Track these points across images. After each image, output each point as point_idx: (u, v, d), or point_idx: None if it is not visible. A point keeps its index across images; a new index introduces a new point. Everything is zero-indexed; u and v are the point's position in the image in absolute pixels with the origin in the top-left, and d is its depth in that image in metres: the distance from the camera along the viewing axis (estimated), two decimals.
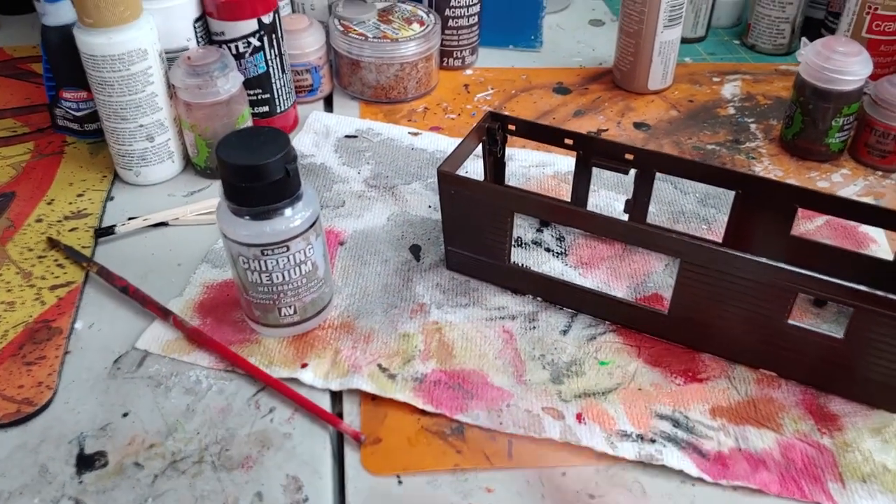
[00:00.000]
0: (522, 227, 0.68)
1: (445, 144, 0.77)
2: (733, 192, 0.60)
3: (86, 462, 0.49)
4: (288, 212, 0.51)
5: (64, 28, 0.71)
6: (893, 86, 0.73)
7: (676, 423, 0.52)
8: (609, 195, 0.71)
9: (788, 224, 0.59)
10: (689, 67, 0.92)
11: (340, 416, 0.53)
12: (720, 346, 0.56)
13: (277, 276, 0.53)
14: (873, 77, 0.76)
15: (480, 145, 0.65)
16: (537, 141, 0.65)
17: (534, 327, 0.59)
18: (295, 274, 0.53)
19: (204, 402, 0.53)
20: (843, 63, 0.72)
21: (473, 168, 0.73)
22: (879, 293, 0.48)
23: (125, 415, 0.52)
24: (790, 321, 0.52)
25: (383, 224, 0.68)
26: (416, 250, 0.65)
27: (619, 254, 0.65)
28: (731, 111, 0.84)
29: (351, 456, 0.50)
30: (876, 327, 0.49)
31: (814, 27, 0.94)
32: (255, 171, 0.49)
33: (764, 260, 0.50)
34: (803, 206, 0.58)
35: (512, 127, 0.65)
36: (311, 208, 0.52)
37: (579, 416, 0.52)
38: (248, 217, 0.51)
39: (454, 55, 0.90)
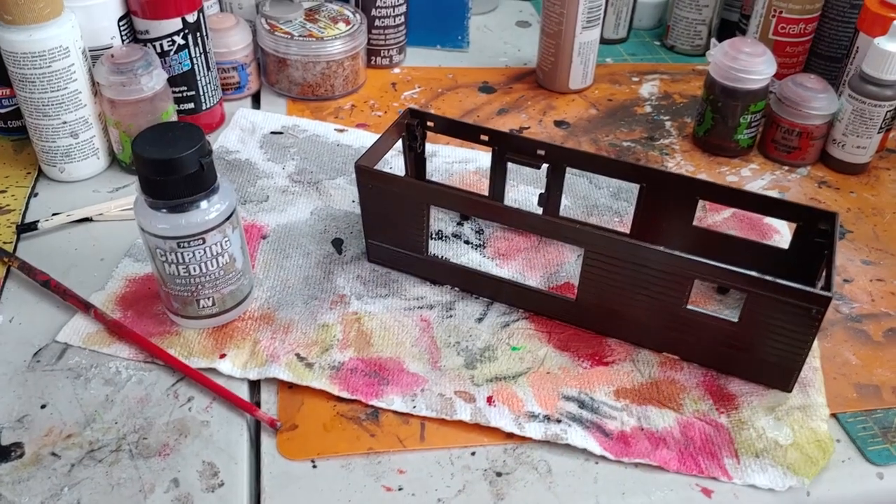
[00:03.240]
0: (444, 221, 0.70)
1: (371, 141, 0.79)
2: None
3: (1, 453, 0.50)
4: (203, 204, 0.52)
5: None
6: (797, 85, 0.77)
7: (582, 405, 0.54)
8: (528, 189, 0.73)
9: (691, 215, 0.62)
10: (609, 68, 0.95)
11: (258, 404, 0.54)
12: (625, 332, 0.58)
13: (195, 269, 0.54)
14: (779, 76, 0.80)
15: (401, 141, 0.67)
16: (455, 137, 0.67)
17: (450, 316, 0.60)
18: (212, 266, 0.54)
19: (123, 393, 0.54)
20: (748, 63, 0.76)
21: (398, 164, 0.75)
22: (768, 278, 0.51)
23: (43, 406, 0.53)
24: (689, 306, 0.55)
25: (306, 218, 0.69)
26: (338, 244, 0.67)
27: (534, 245, 0.67)
28: (648, 109, 0.87)
29: (267, 442, 0.52)
30: (767, 310, 0.53)
31: (729, 29, 0.98)
32: (169, 165, 0.50)
33: (660, 248, 0.52)
34: (703, 197, 0.61)
35: (431, 123, 0.67)
36: (227, 201, 0.54)
37: (490, 399, 0.54)
38: (164, 210, 0.52)
39: (382, 54, 0.91)
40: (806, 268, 0.59)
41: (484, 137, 0.65)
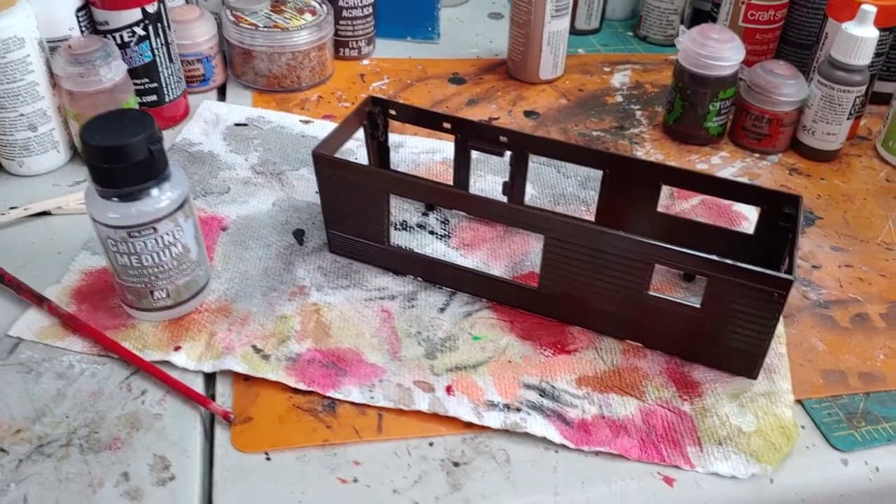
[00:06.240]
0: (408, 211, 0.69)
1: None
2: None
3: None
4: (154, 192, 0.51)
5: None
6: (766, 72, 0.76)
7: (543, 393, 0.53)
8: (494, 179, 0.73)
9: (656, 201, 0.62)
10: (581, 58, 0.94)
11: (213, 397, 0.53)
12: (588, 319, 0.58)
13: (147, 259, 0.53)
14: (748, 63, 0.79)
15: (364, 131, 0.66)
16: (418, 125, 0.66)
17: (412, 306, 0.60)
18: (165, 256, 0.53)
19: (75, 387, 0.53)
20: (717, 49, 0.75)
21: (364, 155, 0.73)
22: (728, 261, 0.50)
23: None
24: (650, 292, 0.54)
25: (268, 209, 0.68)
26: (299, 234, 0.66)
27: (499, 235, 0.66)
28: (619, 99, 0.87)
29: (221, 435, 0.50)
30: (729, 295, 0.52)
31: (701, 18, 0.97)
32: (117, 152, 0.49)
33: (618, 232, 0.52)
34: (666, 182, 0.60)
35: (393, 111, 0.66)
36: (178, 189, 0.52)
37: (449, 389, 0.53)
38: (115, 199, 0.51)
39: (350, 45, 0.90)
40: (771, 252, 0.58)
41: (446, 125, 0.65)
